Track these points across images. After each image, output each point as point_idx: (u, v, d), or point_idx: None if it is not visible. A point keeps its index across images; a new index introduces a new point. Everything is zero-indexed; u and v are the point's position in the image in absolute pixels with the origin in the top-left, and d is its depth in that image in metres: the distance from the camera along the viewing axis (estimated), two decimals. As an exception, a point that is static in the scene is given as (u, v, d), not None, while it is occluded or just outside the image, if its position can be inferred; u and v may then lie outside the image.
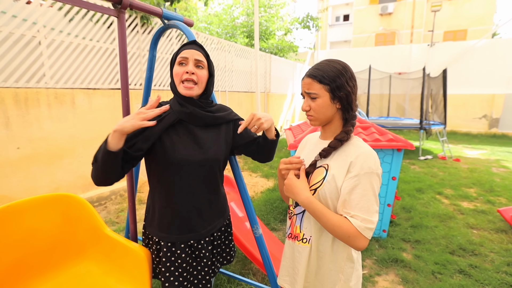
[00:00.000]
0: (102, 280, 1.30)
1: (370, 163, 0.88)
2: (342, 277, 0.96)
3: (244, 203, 1.34)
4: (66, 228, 1.36)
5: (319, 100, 0.92)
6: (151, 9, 1.26)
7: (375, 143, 2.46)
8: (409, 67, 11.25)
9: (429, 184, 4.33)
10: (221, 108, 1.19)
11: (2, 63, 2.78)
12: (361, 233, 0.83)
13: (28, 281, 1.22)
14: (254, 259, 1.87)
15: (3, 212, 1.17)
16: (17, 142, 2.94)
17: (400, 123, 7.21)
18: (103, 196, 3.64)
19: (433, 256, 2.43)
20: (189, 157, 1.04)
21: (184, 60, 1.04)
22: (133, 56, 4.13)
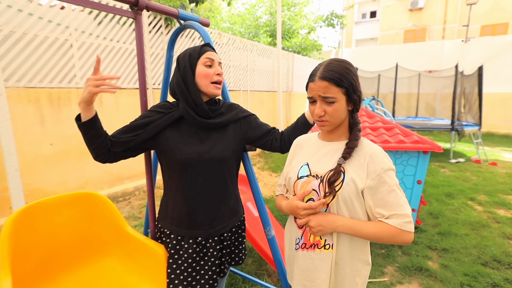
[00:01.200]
0: (123, 277, 1.34)
1: (385, 160, 0.89)
2: (359, 281, 0.94)
3: (257, 204, 1.33)
4: (90, 226, 1.41)
5: (337, 104, 0.87)
6: (167, 10, 1.27)
7: (399, 145, 2.35)
8: (440, 64, 10.65)
9: (460, 189, 4.06)
10: (229, 108, 1.19)
11: (39, 65, 2.97)
12: (403, 230, 0.84)
13: (55, 275, 1.28)
14: (269, 260, 1.85)
15: (33, 209, 1.24)
16: (51, 138, 3.13)
17: (429, 124, 6.84)
18: (127, 192, 3.78)
19: (463, 266, 2.27)
20: (194, 157, 1.05)
21: (210, 61, 1.08)
22: (157, 57, 4.25)
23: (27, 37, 2.84)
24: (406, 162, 2.44)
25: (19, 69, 2.85)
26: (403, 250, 2.49)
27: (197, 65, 1.07)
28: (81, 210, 1.38)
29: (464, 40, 10.45)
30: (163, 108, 1.11)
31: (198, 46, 1.10)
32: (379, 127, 2.62)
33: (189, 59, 1.08)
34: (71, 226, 1.35)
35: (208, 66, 1.08)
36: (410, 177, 2.46)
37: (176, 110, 1.09)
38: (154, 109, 1.12)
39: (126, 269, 1.37)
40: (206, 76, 1.07)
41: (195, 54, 1.08)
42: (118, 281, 1.32)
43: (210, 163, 1.07)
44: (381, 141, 2.41)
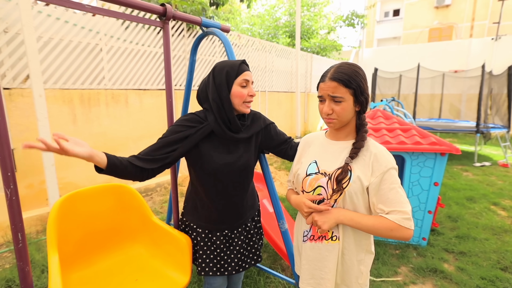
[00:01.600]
0: (150, 262, 1.48)
1: (388, 159, 0.95)
2: (364, 269, 1.00)
3: (272, 200, 1.42)
4: (120, 214, 1.56)
5: (344, 104, 0.93)
6: (191, 19, 1.40)
7: (415, 146, 2.36)
8: (467, 64, 10.25)
9: (483, 193, 3.95)
10: (253, 118, 1.28)
11: (72, 68, 3.22)
12: (401, 225, 0.89)
13: (91, 257, 1.44)
14: (283, 254, 1.94)
15: (73, 197, 1.40)
16: (82, 136, 3.38)
17: (453, 126, 6.63)
18: (149, 188, 3.99)
19: (480, 270, 2.24)
20: (224, 167, 1.16)
21: (246, 82, 1.14)
22: (179, 59, 4.44)
23: (63, 42, 3.10)
24: (422, 164, 2.44)
25: (56, 72, 3.12)
26: (418, 252, 2.50)
27: (234, 84, 1.12)
28: (113, 200, 1.54)
29: (494, 38, 9.99)
30: (192, 122, 1.15)
31: (236, 63, 1.14)
32: (395, 128, 2.63)
33: (226, 77, 1.12)
34: (104, 214, 1.51)
35: (243, 87, 1.14)
36: (427, 179, 2.45)
37: (207, 125, 1.14)
38: (183, 123, 1.14)
39: (152, 255, 1.51)
40: (240, 97, 1.13)
41: (233, 73, 1.12)
42: (145, 265, 1.47)
43: (238, 171, 1.19)
44: (397, 142, 2.43)
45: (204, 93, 1.18)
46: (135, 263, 1.48)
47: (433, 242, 2.64)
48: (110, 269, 1.43)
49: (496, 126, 6.26)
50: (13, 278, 2.07)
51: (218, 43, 5.10)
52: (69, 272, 1.33)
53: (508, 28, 14.60)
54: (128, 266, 1.47)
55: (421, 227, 2.56)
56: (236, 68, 1.12)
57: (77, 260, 1.38)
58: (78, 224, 1.41)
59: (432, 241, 2.66)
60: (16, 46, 2.81)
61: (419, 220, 2.55)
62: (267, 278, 2.10)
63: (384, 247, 2.56)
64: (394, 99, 5.35)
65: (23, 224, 0.94)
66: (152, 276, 1.39)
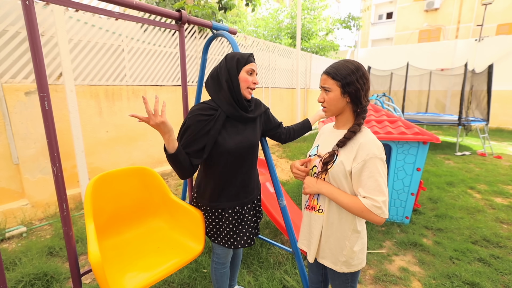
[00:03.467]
0: (169, 233, 1.55)
1: (373, 149, 0.94)
2: (348, 244, 1.04)
3: (272, 179, 1.49)
4: (144, 193, 1.64)
5: (331, 93, 0.99)
6: (203, 23, 1.44)
7: (400, 136, 2.40)
8: (453, 63, 10.06)
9: (461, 179, 3.98)
10: (256, 103, 1.34)
11: (98, 67, 3.28)
12: (370, 210, 0.91)
13: (119, 229, 1.53)
14: (282, 229, 2.02)
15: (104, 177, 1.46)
16: (106, 127, 3.46)
17: (438, 119, 6.59)
18: (165, 173, 4.09)
19: (454, 244, 2.31)
20: (238, 146, 1.22)
21: (251, 71, 1.21)
22: (191, 58, 4.46)
23: (90, 44, 3.15)
24: (407, 151, 2.48)
25: (84, 70, 3.17)
26: (401, 229, 2.57)
27: (242, 70, 1.19)
28: (137, 181, 1.61)
29: (477, 39, 9.76)
30: (206, 111, 1.17)
31: (245, 54, 1.21)
32: (383, 120, 2.66)
33: (237, 63, 1.19)
34: (130, 192, 1.59)
35: (249, 74, 1.21)
36: (410, 165, 2.50)
37: (220, 112, 1.18)
38: (199, 113, 1.16)
39: (171, 227, 1.59)
40: (245, 81, 1.19)
41: (243, 61, 1.19)
42: (165, 236, 1.55)
43: (247, 149, 1.25)
44: (385, 132, 2.47)
45: (215, 77, 1.22)
46: (156, 234, 1.57)
47: (415, 221, 2.70)
48: (136, 239, 1.52)
49: (476, 119, 6.21)
50: (53, 246, 2.19)
51: (226, 43, 5.09)
52: (103, 239, 1.42)
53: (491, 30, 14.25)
54: (150, 236, 1.55)
55: (405, 207, 2.62)
56: (245, 58, 1.20)
57: (109, 230, 1.47)
58: (108, 200, 1.49)
59: (414, 220, 2.72)
60: (51, 48, 2.87)
61: (403, 201, 2.61)
62: (268, 249, 2.19)
63: (371, 224, 2.63)
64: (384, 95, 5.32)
65: (67, 195, 1.01)
66: (172, 245, 1.48)
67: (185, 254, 1.36)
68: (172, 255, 1.37)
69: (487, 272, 1.94)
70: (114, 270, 1.25)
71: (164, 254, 1.39)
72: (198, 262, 2.02)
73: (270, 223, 2.61)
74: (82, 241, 2.30)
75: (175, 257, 1.34)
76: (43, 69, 0.91)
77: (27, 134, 2.74)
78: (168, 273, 1.25)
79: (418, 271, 2.00)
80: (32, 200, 2.81)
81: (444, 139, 7.16)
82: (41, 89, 0.91)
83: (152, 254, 1.39)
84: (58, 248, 2.18)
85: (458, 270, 1.96)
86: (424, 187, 2.80)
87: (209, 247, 2.18)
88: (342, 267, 1.05)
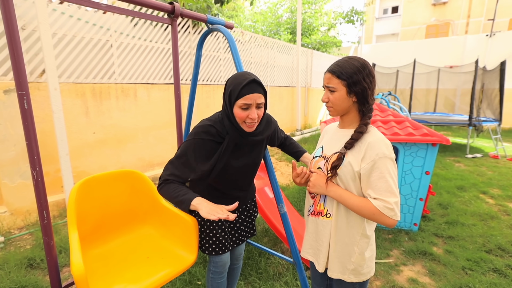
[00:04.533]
0: (160, 242, 1.53)
1: (382, 148, 0.94)
2: (357, 250, 1.03)
3: (272, 185, 1.47)
4: (133, 198, 1.62)
5: (336, 93, 0.99)
6: (198, 16, 1.43)
7: (408, 137, 2.39)
8: (462, 60, 10.15)
9: (473, 183, 3.99)
10: (267, 123, 1.31)
11: (85, 63, 3.26)
12: (382, 212, 0.91)
13: (106, 237, 1.50)
14: (282, 237, 2.00)
15: (89, 181, 1.45)
16: (93, 128, 3.44)
17: (447, 119, 6.62)
18: (157, 177, 4.06)
19: (466, 252, 2.30)
20: (242, 167, 1.24)
21: (247, 106, 1.08)
22: (185, 55, 4.46)
23: (76, 39, 3.13)
24: (415, 154, 2.48)
25: (69, 67, 3.16)
26: (409, 236, 2.56)
27: (234, 106, 1.10)
28: (126, 185, 1.59)
29: (488, 34, 9.85)
30: (213, 136, 1.15)
31: (241, 83, 1.07)
32: (390, 120, 2.66)
33: (229, 95, 1.11)
34: (118, 197, 1.57)
35: (243, 109, 1.10)
36: (419, 168, 2.50)
37: (228, 141, 1.16)
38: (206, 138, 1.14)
39: (161, 235, 1.57)
40: (239, 118, 1.11)
41: (234, 95, 1.09)
42: (155, 245, 1.53)
43: (251, 169, 1.27)
44: (391, 133, 2.47)
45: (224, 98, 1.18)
46: (146, 243, 1.55)
47: (424, 228, 2.70)
48: (124, 248, 1.50)
49: (488, 119, 6.25)
50: (34, 257, 2.16)
51: (222, 39, 5.09)
52: (87, 249, 1.40)
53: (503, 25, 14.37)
54: (140, 245, 1.53)
55: (413, 213, 2.61)
56: (238, 90, 1.07)
57: (94, 239, 1.44)
58: (94, 206, 1.47)
59: (423, 227, 2.71)
60: (33, 43, 2.85)
61: (411, 207, 2.60)
62: (267, 259, 2.17)
63: (377, 232, 2.62)
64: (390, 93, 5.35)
65: (48, 202, 0.99)
66: (162, 254, 1.46)
67: (177, 265, 1.34)
68: (163, 265, 1.35)
69: (503, 284, 1.94)
70: (99, 283, 1.22)
71: (154, 265, 1.36)
72: (191, 273, 1.99)
73: (269, 231, 2.60)
74: (66, 252, 2.26)
75: (166, 268, 1.32)
76: (22, 65, 0.90)
77: (6, 136, 2.71)
78: (158, 285, 1.23)
79: (428, 283, 1.99)
80: (11, 207, 2.78)
81: (454, 141, 7.19)
82: (20, 87, 0.89)
83: (141, 264, 1.37)
84: (39, 260, 2.14)
85: (472, 281, 1.95)
86: (433, 192, 2.80)
87: (204, 257, 2.16)
88: (350, 276, 1.04)
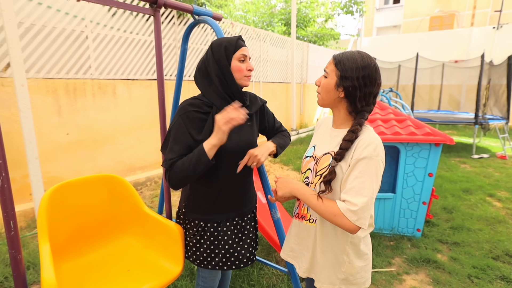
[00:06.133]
0: (142, 253, 1.53)
1: (368, 148, 0.94)
2: (347, 259, 1.04)
3: (264, 187, 1.49)
4: (112, 205, 1.61)
5: (327, 79, 1.02)
6: (183, 7, 1.44)
7: (410, 137, 2.45)
8: (468, 54, 10.40)
9: (479, 185, 4.09)
10: (251, 97, 1.35)
11: (56, 57, 3.22)
12: (343, 214, 0.89)
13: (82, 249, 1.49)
14: (276, 245, 2.02)
15: (63, 188, 1.44)
16: (67, 128, 3.39)
17: (451, 117, 6.78)
18: (139, 182, 4.03)
19: (472, 259, 2.36)
20: (236, 146, 1.21)
21: (244, 57, 1.20)
22: (169, 48, 4.45)
23: (46, 29, 3.09)
24: (417, 155, 2.53)
25: (39, 61, 3.11)
26: (412, 243, 2.61)
27: (233, 59, 1.18)
28: (104, 191, 1.58)
29: (495, 26, 10.12)
30: (200, 107, 1.18)
31: (233, 39, 1.20)
32: (390, 119, 2.72)
33: (225, 51, 1.18)
34: (95, 204, 1.56)
35: (241, 61, 1.20)
36: (421, 170, 2.55)
37: (216, 110, 1.18)
38: (192, 109, 1.17)
39: (144, 246, 1.57)
40: (239, 71, 1.19)
41: (231, 48, 1.18)
42: (137, 256, 1.52)
43: (244, 150, 1.23)
44: (392, 133, 2.52)
45: (204, 71, 1.21)
46: (127, 254, 1.54)
47: (428, 233, 2.76)
48: (102, 260, 1.49)
49: (495, 117, 6.42)
50: None
51: (210, 31, 5.10)
52: (60, 262, 1.39)
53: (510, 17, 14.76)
54: (120, 256, 1.52)
55: (416, 218, 2.67)
56: (234, 43, 1.18)
57: (68, 251, 1.43)
58: (68, 215, 1.46)
59: (427, 232, 2.77)
60: (-4, 33, 2.80)
61: (414, 211, 2.66)
62: (260, 270, 2.18)
63: (378, 238, 2.66)
64: (391, 90, 5.44)
65: (15, 212, 0.98)
66: (144, 266, 1.45)
67: (161, 277, 1.34)
68: (145, 278, 1.35)
69: (509, 291, 2.00)
70: (74, 300, 1.22)
71: (136, 278, 1.36)
72: (177, 287, 1.99)
73: (262, 239, 2.61)
74: (35, 267, 2.23)
75: (149, 281, 1.32)
76: (-13, 58, 0.89)
77: (-31, 138, 2.65)
78: (140, 301, 1.23)
79: (432, 292, 2.03)
80: (-26, 218, 2.72)
81: (459, 140, 7.36)
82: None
83: (121, 278, 1.37)
84: (2, 278, 2.10)
85: (477, 289, 2.01)
86: (437, 195, 2.86)
87: (190, 268, 2.16)
88: (341, 286, 1.06)
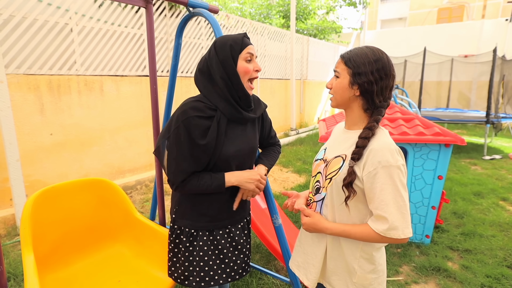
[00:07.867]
0: (133, 262, 1.54)
1: (386, 156, 0.95)
2: (357, 268, 1.06)
3: (264, 191, 1.50)
4: (101, 211, 1.61)
5: (339, 80, 1.04)
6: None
7: (418, 137, 2.47)
8: (478, 48, 10.48)
9: (491, 188, 4.13)
10: (255, 100, 1.33)
11: (38, 51, 3.20)
12: (385, 237, 0.94)
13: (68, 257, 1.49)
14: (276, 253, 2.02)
15: (48, 192, 1.44)
16: (50, 128, 3.38)
17: (461, 116, 6.83)
18: (129, 186, 4.02)
19: (486, 268, 2.39)
20: (238, 151, 1.21)
21: (251, 56, 1.16)
22: (160, 42, 4.44)
23: (27, 21, 3.08)
24: (426, 156, 2.55)
25: (19, 56, 3.09)
26: (421, 250, 2.63)
27: (239, 59, 1.14)
28: (92, 196, 1.58)
29: (508, 19, 10.21)
30: (203, 112, 1.14)
31: (238, 37, 1.16)
32: (397, 118, 2.74)
33: (231, 51, 1.14)
34: (83, 210, 1.56)
35: (248, 61, 1.16)
36: (430, 172, 2.57)
37: (220, 115, 1.16)
38: (196, 114, 1.13)
39: (135, 254, 1.57)
40: (246, 72, 1.15)
41: (237, 47, 1.14)
42: (128, 265, 1.53)
43: (247, 154, 1.24)
44: (399, 133, 2.54)
45: (206, 72, 1.18)
46: (117, 263, 1.54)
47: (437, 240, 2.78)
48: (90, 270, 1.49)
49: (508, 116, 6.47)
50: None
51: (205, 24, 5.10)
52: (45, 273, 1.38)
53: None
54: (109, 266, 1.52)
55: (424, 223, 2.69)
56: (240, 42, 1.15)
57: (54, 261, 1.43)
58: (54, 222, 1.46)
59: (436, 239, 2.79)
60: (-25, 26, 2.79)
61: (422, 216, 2.68)
62: (259, 280, 2.19)
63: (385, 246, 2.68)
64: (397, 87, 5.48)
65: (-1, 219, 0.98)
66: (136, 277, 1.46)
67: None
68: (137, 290, 1.35)
69: (524, 301, 2.02)
70: (61, 313, 1.21)
71: (127, 290, 1.36)
72: (170, 299, 1.99)
73: (261, 247, 2.62)
74: (16, 278, 2.21)
75: (141, 293, 1.32)
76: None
77: None
78: (132, 314, 1.23)
79: (442, 302, 2.05)
80: (-51, 225, 2.70)
81: (469, 140, 7.42)
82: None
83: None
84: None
85: (490, 299, 2.03)
86: (447, 199, 2.88)
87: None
88: None
